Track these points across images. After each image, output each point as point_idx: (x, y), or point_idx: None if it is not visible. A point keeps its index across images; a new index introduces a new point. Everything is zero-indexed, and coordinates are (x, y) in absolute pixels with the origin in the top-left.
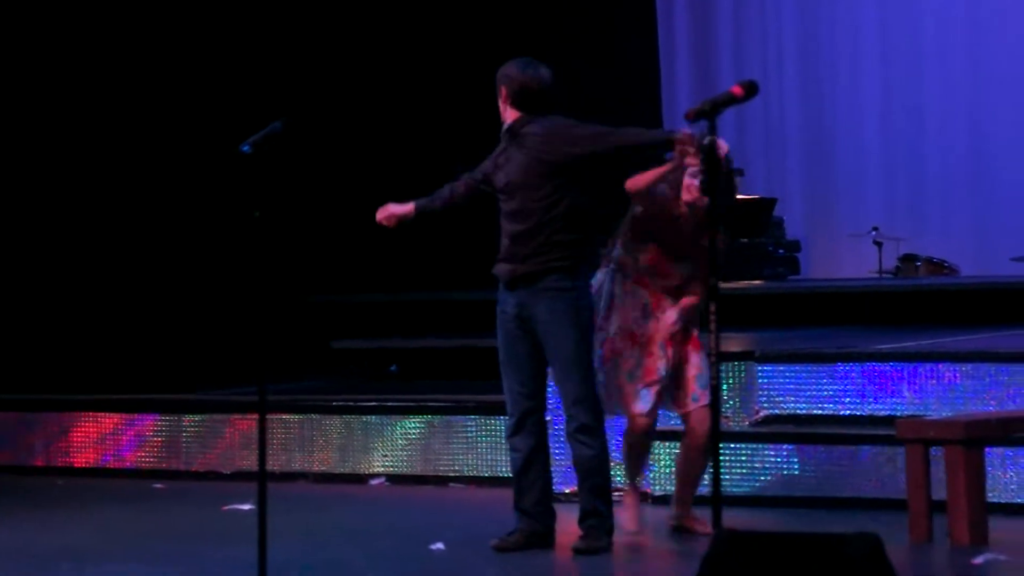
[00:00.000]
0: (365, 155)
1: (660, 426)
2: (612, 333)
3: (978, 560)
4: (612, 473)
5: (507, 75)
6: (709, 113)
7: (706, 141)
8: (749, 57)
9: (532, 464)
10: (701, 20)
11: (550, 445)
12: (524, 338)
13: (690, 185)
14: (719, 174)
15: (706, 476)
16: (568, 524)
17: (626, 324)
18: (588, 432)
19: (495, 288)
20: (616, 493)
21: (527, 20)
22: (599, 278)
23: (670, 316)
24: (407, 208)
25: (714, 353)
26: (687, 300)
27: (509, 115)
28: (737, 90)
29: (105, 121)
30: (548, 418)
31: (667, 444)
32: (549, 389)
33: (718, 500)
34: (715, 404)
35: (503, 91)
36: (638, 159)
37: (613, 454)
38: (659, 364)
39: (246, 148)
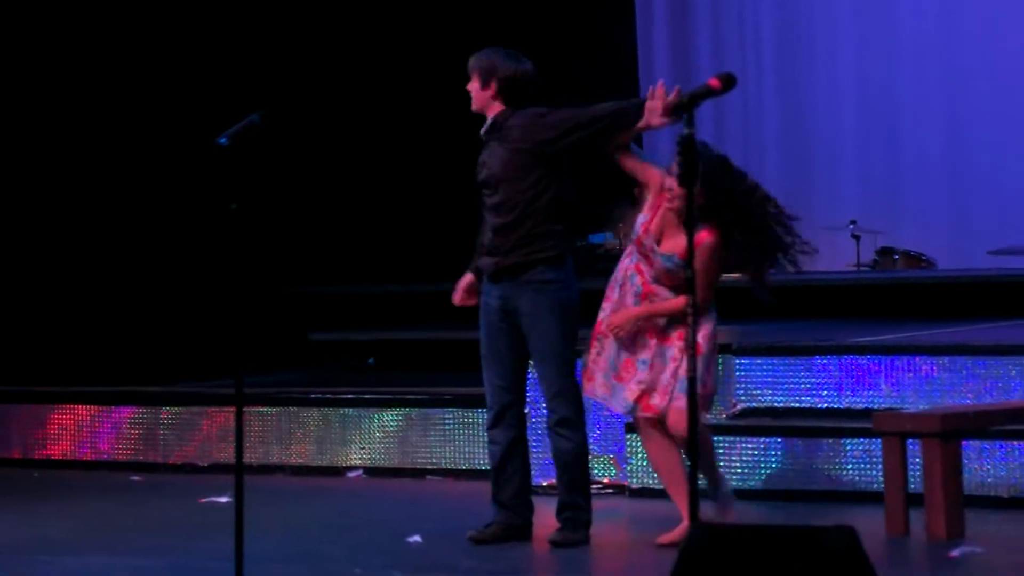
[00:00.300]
0: (342, 147)
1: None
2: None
3: (955, 553)
4: (591, 466)
5: (493, 67)
6: (687, 106)
7: (684, 134)
8: (727, 50)
9: (511, 457)
10: (680, 13)
11: (529, 438)
12: (507, 331)
13: (671, 187)
14: (696, 167)
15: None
16: (546, 517)
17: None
18: (568, 425)
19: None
20: (595, 486)
21: (503, 10)
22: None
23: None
24: (467, 278)
25: (690, 345)
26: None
27: (494, 108)
28: (714, 83)
29: (82, 114)
30: (527, 411)
31: None
32: (529, 382)
33: (694, 493)
34: (691, 395)
35: (492, 84)
36: (615, 132)
37: (592, 447)
38: (638, 358)
39: (223, 140)
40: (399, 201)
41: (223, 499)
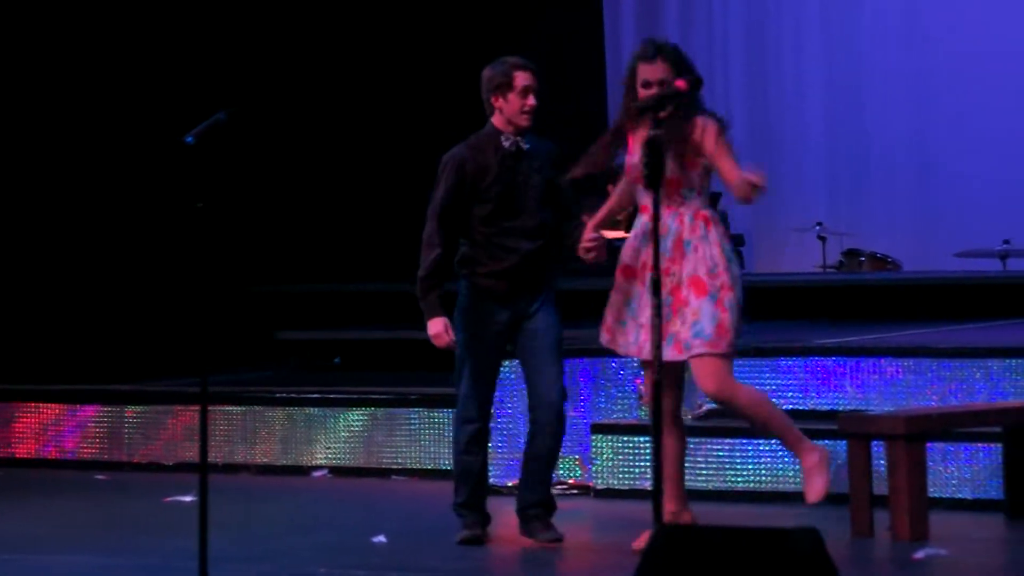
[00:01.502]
0: (309, 145)
1: (601, 419)
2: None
3: (919, 555)
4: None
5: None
6: (654, 108)
7: (651, 135)
8: (695, 53)
9: (484, 469)
10: (647, 13)
11: (494, 439)
12: (503, 348)
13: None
14: (662, 169)
15: (647, 468)
16: (507, 516)
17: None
18: (564, 421)
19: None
20: (560, 487)
21: (468, 11)
22: None
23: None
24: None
25: (656, 344)
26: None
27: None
28: (681, 84)
29: (47, 112)
30: (492, 410)
31: (609, 437)
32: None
33: (658, 494)
34: (657, 397)
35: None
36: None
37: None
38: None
39: (189, 139)
40: (365, 200)
41: (188, 498)
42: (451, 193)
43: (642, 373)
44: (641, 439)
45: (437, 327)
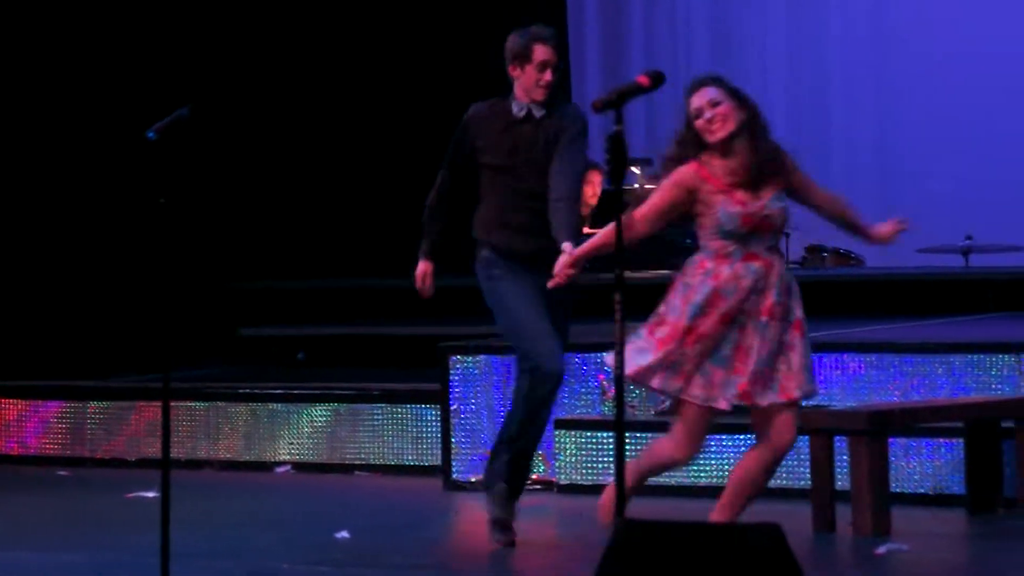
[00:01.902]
0: (274, 142)
1: (564, 415)
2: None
3: (880, 550)
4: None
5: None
6: (616, 103)
7: (613, 131)
8: (660, 49)
9: None
10: (612, 10)
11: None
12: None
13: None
14: (625, 164)
15: (611, 464)
16: (472, 512)
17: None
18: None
19: (403, 275)
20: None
21: (431, 7)
22: None
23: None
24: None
25: (619, 343)
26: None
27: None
28: (643, 80)
29: (10, 106)
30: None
31: (573, 433)
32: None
33: (621, 489)
34: (619, 393)
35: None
36: None
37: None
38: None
39: (152, 135)
40: (330, 196)
41: (150, 494)
42: (455, 146)
43: (609, 372)
44: (604, 435)
45: (418, 268)
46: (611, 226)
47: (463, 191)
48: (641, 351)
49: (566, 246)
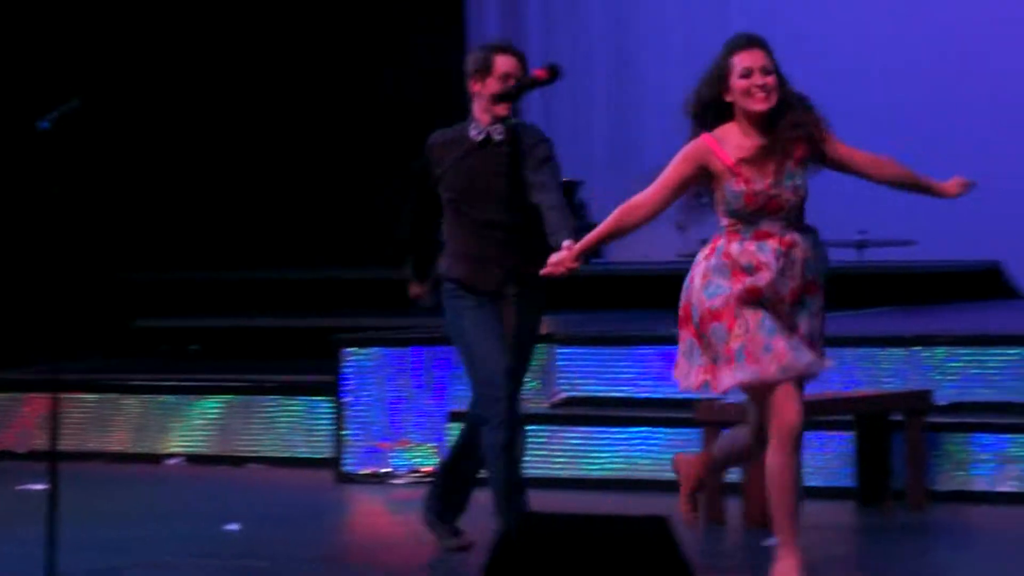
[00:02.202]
0: (168, 133)
1: (457, 407)
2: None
3: (770, 542)
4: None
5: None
6: (513, 95)
7: (508, 122)
8: (559, 48)
9: None
10: (511, 10)
11: None
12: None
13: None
14: (520, 150)
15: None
16: (366, 504)
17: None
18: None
19: (298, 266)
20: (414, 475)
21: (323, 10)
22: None
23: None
24: None
25: (510, 336)
26: None
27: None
28: (540, 73)
29: None
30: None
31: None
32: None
33: (513, 483)
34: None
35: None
36: None
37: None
38: None
39: (44, 125)
40: (224, 188)
41: (39, 486)
42: (418, 178)
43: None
44: None
45: (411, 290)
46: (612, 215)
47: (433, 218)
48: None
49: (567, 243)
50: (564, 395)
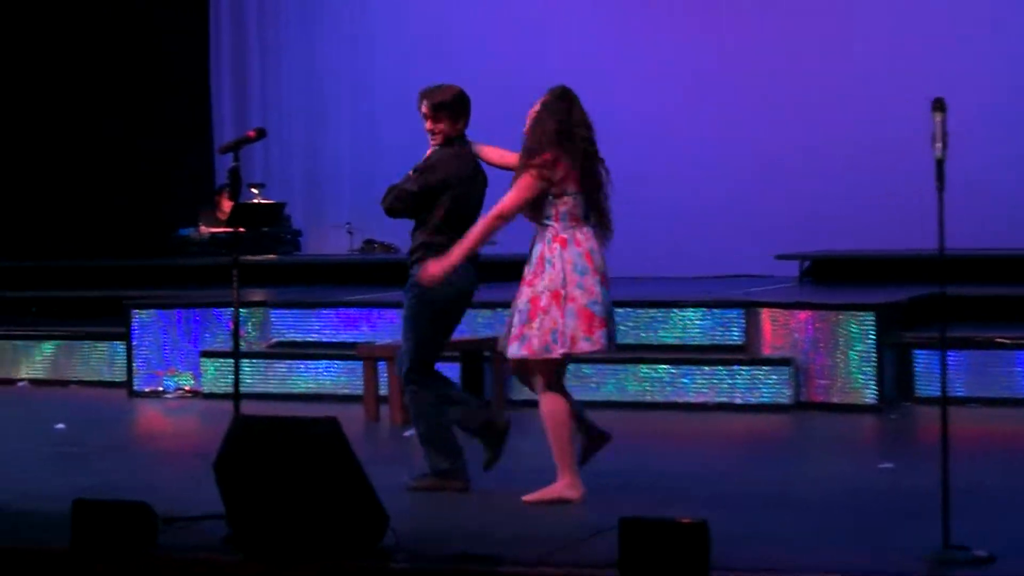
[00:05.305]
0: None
1: (207, 347)
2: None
3: (407, 434)
4: None
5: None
6: (234, 148)
7: (231, 167)
8: (270, 103)
9: None
10: (239, 73)
11: None
12: None
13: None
14: (241, 188)
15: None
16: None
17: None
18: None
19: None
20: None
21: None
22: None
23: None
24: None
25: (236, 302)
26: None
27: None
28: (251, 133)
29: None
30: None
31: (213, 360)
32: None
33: (238, 397)
34: (236, 336)
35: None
36: None
37: None
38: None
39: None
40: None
41: None
42: None
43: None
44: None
45: None
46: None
47: None
48: None
49: None
50: (276, 340)
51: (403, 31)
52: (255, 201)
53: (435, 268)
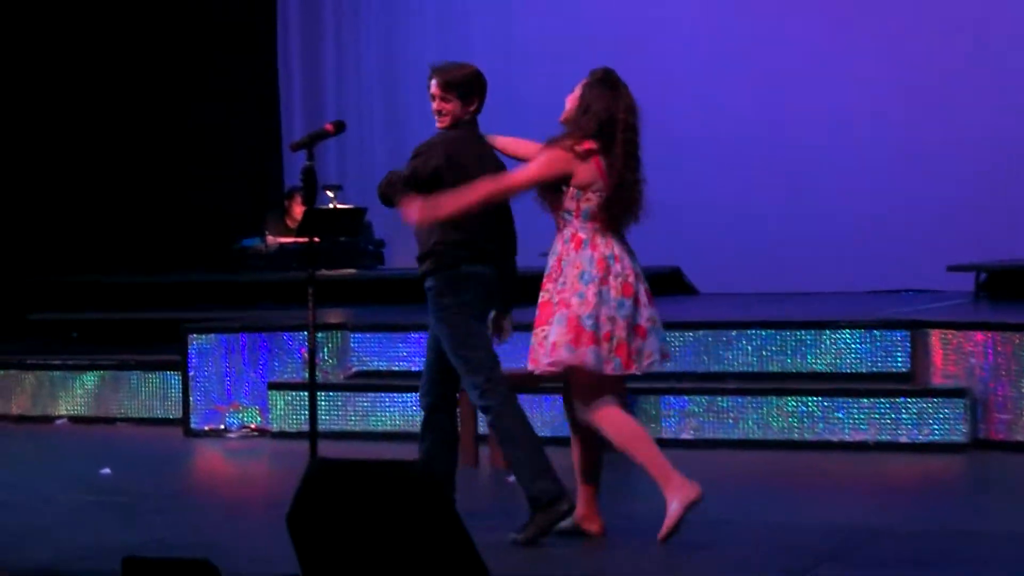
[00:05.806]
0: (63, 138)
1: (276, 379)
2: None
3: (510, 479)
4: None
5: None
6: (308, 144)
7: (305, 166)
8: (347, 98)
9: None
10: (312, 65)
11: None
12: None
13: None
14: (316, 191)
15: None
16: (208, 455)
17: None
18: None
19: (158, 271)
20: (244, 430)
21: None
22: None
23: None
24: None
25: (311, 325)
26: None
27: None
28: (329, 127)
29: None
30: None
31: (282, 392)
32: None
33: (314, 436)
34: (311, 365)
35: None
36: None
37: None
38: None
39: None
40: (102, 201)
41: None
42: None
43: None
44: (304, 394)
45: None
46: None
47: None
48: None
49: None
50: (356, 369)
51: (501, 14)
52: (331, 206)
53: (422, 211)
